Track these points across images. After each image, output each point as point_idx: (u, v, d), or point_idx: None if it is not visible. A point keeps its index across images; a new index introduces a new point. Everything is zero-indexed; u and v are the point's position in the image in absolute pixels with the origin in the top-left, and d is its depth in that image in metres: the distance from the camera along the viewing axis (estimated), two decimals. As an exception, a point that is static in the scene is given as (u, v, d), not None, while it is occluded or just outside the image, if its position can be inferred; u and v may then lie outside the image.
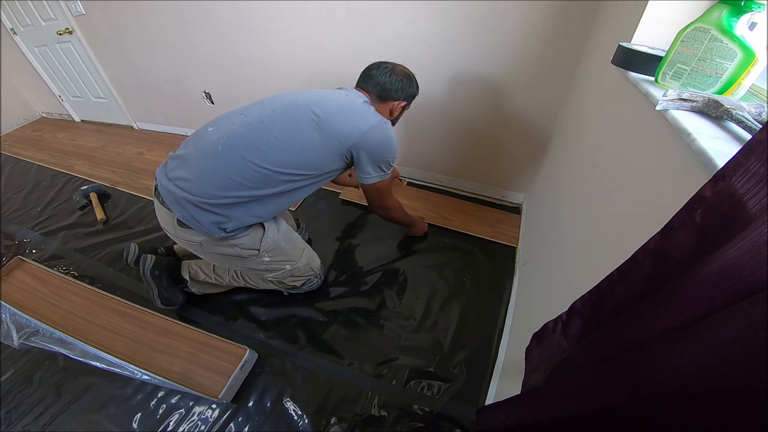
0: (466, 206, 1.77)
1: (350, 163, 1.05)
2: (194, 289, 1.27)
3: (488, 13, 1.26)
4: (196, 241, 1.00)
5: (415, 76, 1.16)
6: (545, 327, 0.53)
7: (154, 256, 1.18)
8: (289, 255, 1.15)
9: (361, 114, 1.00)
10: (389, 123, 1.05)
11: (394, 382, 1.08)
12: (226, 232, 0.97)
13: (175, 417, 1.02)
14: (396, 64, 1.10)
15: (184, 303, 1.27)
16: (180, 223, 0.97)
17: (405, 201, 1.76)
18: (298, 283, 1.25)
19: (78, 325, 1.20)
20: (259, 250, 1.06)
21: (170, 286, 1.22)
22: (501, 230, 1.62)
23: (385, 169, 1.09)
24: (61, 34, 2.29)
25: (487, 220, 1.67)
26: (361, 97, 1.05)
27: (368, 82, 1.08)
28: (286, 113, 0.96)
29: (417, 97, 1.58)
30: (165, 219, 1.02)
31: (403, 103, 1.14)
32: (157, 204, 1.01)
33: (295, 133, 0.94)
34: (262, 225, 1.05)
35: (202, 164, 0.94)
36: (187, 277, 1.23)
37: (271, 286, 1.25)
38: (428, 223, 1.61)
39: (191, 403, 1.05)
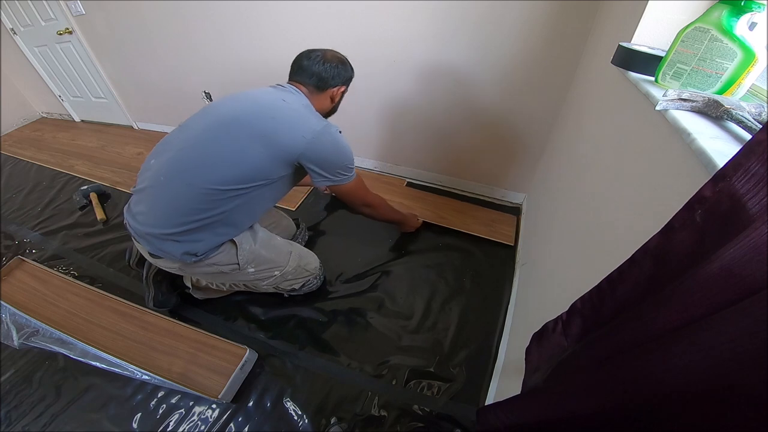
0: (462, 206, 1.78)
1: (300, 168, 0.99)
2: (197, 295, 1.27)
3: (487, 14, 1.26)
4: (174, 266, 1.01)
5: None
6: (545, 327, 0.53)
7: None
8: (273, 262, 1.13)
9: (303, 121, 0.94)
10: (335, 127, 0.99)
11: (394, 382, 1.08)
12: (197, 256, 0.95)
13: (175, 417, 1.02)
14: (326, 50, 1.04)
15: (177, 305, 1.27)
16: (152, 254, 0.98)
17: (401, 200, 1.78)
18: (296, 286, 1.24)
19: (78, 325, 1.19)
20: (239, 264, 1.04)
21: (168, 291, 1.24)
22: (497, 229, 1.63)
23: (345, 173, 1.03)
24: (61, 34, 2.29)
25: (483, 219, 1.68)
26: (299, 97, 1.00)
27: (302, 75, 1.02)
28: (222, 131, 0.91)
29: (418, 97, 1.60)
30: (141, 250, 1.02)
31: (343, 89, 1.09)
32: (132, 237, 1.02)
33: (236, 153, 0.90)
34: (233, 241, 1.02)
35: (153, 197, 0.94)
36: (189, 285, 1.24)
37: (271, 290, 1.25)
38: (423, 221, 1.60)
39: (191, 403, 1.05)
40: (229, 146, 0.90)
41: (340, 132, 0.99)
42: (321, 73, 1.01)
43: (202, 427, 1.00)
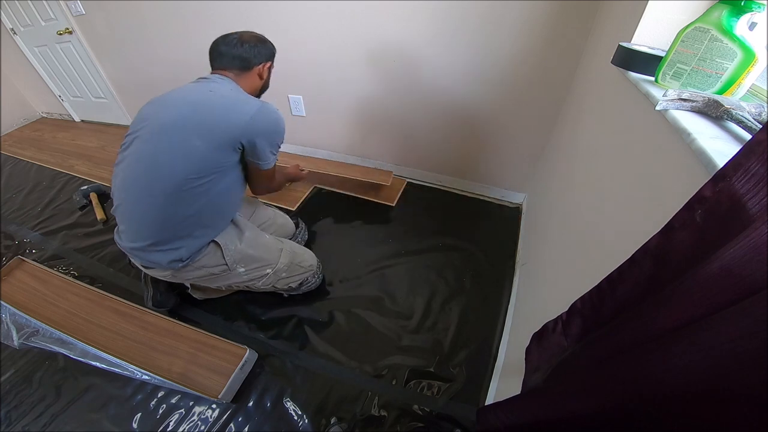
0: (345, 167, 1.94)
1: (243, 152, 1.00)
2: (196, 295, 1.27)
3: (487, 14, 1.26)
4: (167, 274, 1.03)
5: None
6: (545, 327, 0.53)
7: None
8: (263, 260, 1.13)
9: (238, 103, 0.95)
10: (271, 105, 0.99)
11: (394, 382, 1.08)
12: (182, 261, 0.98)
13: (175, 417, 1.02)
14: (242, 32, 1.03)
15: (176, 305, 1.27)
16: (143, 266, 1.02)
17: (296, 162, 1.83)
18: (294, 284, 1.24)
19: (78, 325, 1.19)
20: (227, 265, 1.04)
21: (167, 291, 1.24)
22: (374, 176, 1.82)
23: (275, 153, 1.05)
24: (61, 34, 2.29)
25: (361, 172, 1.87)
26: (226, 83, 0.99)
27: (223, 60, 1.02)
28: (158, 139, 0.93)
29: (417, 97, 1.60)
30: (136, 263, 1.05)
31: (269, 64, 1.09)
32: None
33: (177, 153, 0.91)
34: (217, 243, 1.03)
35: (124, 213, 0.97)
36: (188, 285, 1.23)
37: (270, 289, 1.24)
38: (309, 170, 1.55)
39: (191, 403, 1.05)
40: (170, 150, 0.91)
41: (277, 110, 1.01)
42: (242, 54, 1.01)
43: (202, 427, 1.00)
